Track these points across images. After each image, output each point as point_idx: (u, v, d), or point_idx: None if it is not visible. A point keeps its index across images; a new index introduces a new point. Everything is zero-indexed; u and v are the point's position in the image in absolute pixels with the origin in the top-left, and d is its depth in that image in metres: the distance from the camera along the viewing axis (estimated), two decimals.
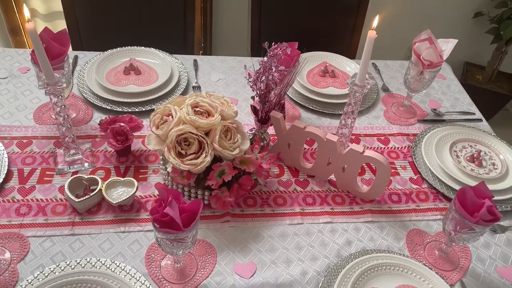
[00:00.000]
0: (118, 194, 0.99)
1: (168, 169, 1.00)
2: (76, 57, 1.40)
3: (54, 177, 1.03)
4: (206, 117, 0.95)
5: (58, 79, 0.92)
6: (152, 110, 1.22)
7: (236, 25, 2.43)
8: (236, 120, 1.00)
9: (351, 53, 1.81)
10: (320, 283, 0.89)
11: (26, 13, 0.85)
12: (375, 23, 0.96)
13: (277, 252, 0.95)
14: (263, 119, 1.13)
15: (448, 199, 1.11)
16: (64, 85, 0.93)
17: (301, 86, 1.36)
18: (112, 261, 0.87)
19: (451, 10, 2.56)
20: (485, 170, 1.16)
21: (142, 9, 1.64)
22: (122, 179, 1.01)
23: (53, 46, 1.03)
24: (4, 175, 1.00)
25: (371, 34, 0.95)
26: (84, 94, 1.25)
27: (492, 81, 2.66)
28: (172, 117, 0.95)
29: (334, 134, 1.08)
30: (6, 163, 1.03)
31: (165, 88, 1.28)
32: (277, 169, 1.14)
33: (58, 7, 2.22)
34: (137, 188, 0.98)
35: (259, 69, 1.03)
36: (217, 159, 0.97)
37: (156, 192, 1.03)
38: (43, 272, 0.83)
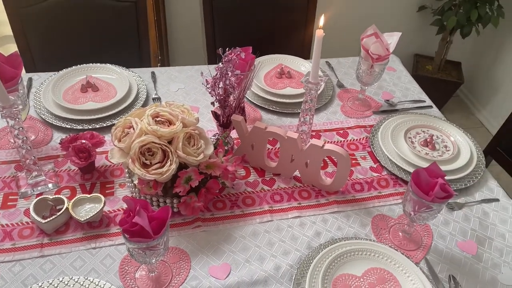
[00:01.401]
0: (86, 211, 0.98)
1: (134, 181, 1.01)
2: (30, 79, 1.38)
3: (18, 201, 1.02)
4: (168, 126, 0.97)
5: (14, 102, 0.91)
6: (113, 125, 1.22)
7: (192, 35, 2.45)
8: (198, 127, 1.02)
9: (305, 51, 1.86)
10: (294, 276, 0.92)
11: None
12: (321, 22, 1.00)
13: (250, 250, 0.98)
14: (224, 124, 1.16)
15: (407, 183, 1.16)
16: (20, 107, 0.92)
17: (260, 88, 1.40)
18: (86, 277, 0.87)
19: (397, 6, 2.68)
20: (438, 153, 1.23)
21: (94, 27, 1.64)
22: (89, 195, 1.01)
23: (6, 69, 1.02)
24: None
25: (319, 33, 0.99)
26: (41, 115, 1.23)
27: (442, 70, 2.80)
28: (134, 129, 0.96)
29: (294, 132, 1.11)
30: None
31: (125, 102, 1.29)
32: (243, 171, 1.17)
33: (8, 31, 2.17)
34: (104, 203, 0.98)
35: (216, 74, 1.06)
36: (182, 166, 0.98)
37: (125, 206, 1.04)
38: None
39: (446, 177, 0.92)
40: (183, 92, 1.42)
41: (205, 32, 1.72)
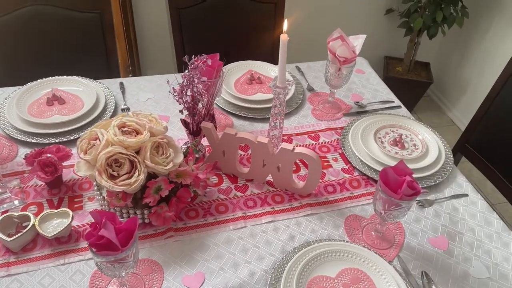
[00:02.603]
0: (53, 227, 0.96)
1: (103, 194, 0.99)
2: None
3: None
4: (135, 136, 0.95)
5: None
6: None
7: (162, 45, 2.44)
8: (167, 135, 1.01)
9: (275, 55, 1.87)
10: (268, 281, 0.92)
11: None
12: (285, 26, 1.01)
13: (224, 258, 0.97)
14: (194, 131, 1.15)
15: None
16: None
17: (230, 95, 1.40)
18: None
19: (364, 9, 2.73)
20: (408, 151, 1.25)
21: (59, 39, 1.61)
22: (56, 210, 0.98)
23: None
24: None
25: (283, 37, 1.00)
26: (6, 131, 1.20)
27: (411, 71, 2.86)
28: (100, 140, 0.94)
29: (265, 137, 1.11)
30: None
31: (92, 114, 1.27)
32: (215, 178, 1.16)
33: None
34: (72, 218, 0.96)
35: (182, 82, 1.05)
36: (151, 176, 0.97)
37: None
38: None
39: (415, 175, 0.93)
40: (153, 102, 1.41)
41: (173, 40, 1.72)
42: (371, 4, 2.72)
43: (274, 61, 1.62)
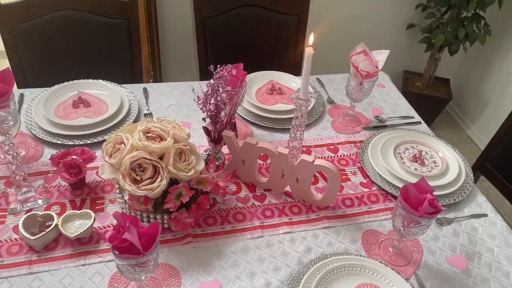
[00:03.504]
0: (75, 228, 0.98)
1: (125, 197, 1.01)
2: (22, 95, 1.38)
3: (7, 217, 1.01)
4: (159, 142, 0.97)
5: (4, 118, 0.91)
6: (104, 141, 1.23)
7: (184, 52, 2.47)
8: (189, 142, 1.03)
9: (296, 69, 1.89)
10: None
11: None
12: (311, 40, 1.02)
13: (241, 266, 0.98)
14: (216, 139, 1.16)
15: (397, 199, 1.17)
16: (11, 123, 0.92)
17: (251, 104, 1.41)
18: None
19: (386, 24, 2.73)
20: (427, 168, 1.25)
21: (86, 43, 1.65)
22: (78, 211, 1.00)
23: None
24: None
25: (309, 51, 1.01)
26: (32, 131, 1.23)
27: (430, 87, 2.85)
28: (125, 144, 0.96)
29: (285, 147, 1.12)
30: None
31: (116, 118, 1.29)
32: (234, 186, 1.17)
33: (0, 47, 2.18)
34: (94, 219, 0.98)
35: (207, 91, 1.07)
36: (173, 181, 0.99)
37: (115, 222, 1.03)
38: None
39: (435, 193, 0.93)
40: (175, 108, 1.43)
41: (197, 48, 1.74)
42: (392, 19, 2.72)
43: (295, 73, 1.64)
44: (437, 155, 1.30)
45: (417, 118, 1.49)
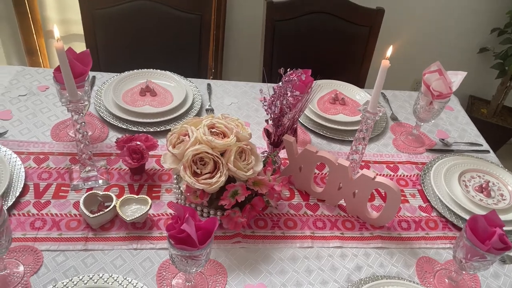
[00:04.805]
0: (132, 211, 1.00)
1: (181, 188, 1.02)
2: (94, 78, 1.43)
3: (69, 193, 1.05)
4: (222, 138, 0.98)
5: (81, 97, 0.95)
6: (166, 131, 1.25)
7: (247, 52, 2.49)
8: (251, 142, 1.03)
9: (360, 82, 1.85)
10: None
11: (56, 33, 0.88)
12: (389, 52, 0.99)
13: (287, 274, 0.96)
14: (275, 142, 1.15)
15: (458, 228, 1.11)
16: (86, 103, 0.96)
17: (312, 112, 1.39)
18: (124, 277, 0.88)
19: (457, 44, 2.62)
20: (493, 201, 1.17)
21: (158, 34, 1.70)
22: (136, 196, 1.02)
23: (76, 65, 1.06)
24: (20, 189, 1.02)
25: (385, 63, 0.98)
26: (100, 113, 1.28)
27: (497, 115, 2.70)
28: (189, 137, 0.97)
29: (346, 160, 1.09)
30: (23, 178, 1.05)
31: (180, 110, 1.31)
32: (288, 192, 1.16)
33: (75, 30, 2.30)
34: (150, 206, 1.00)
35: (274, 93, 1.06)
36: (230, 179, 0.99)
37: (169, 211, 1.05)
38: (56, 286, 0.84)
39: None
40: (236, 107, 1.44)
41: (263, 50, 1.74)
42: (465, 40, 2.60)
43: (359, 84, 1.61)
44: (505, 188, 1.22)
45: (486, 146, 1.41)
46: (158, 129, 1.26)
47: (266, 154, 1.20)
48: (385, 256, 1.03)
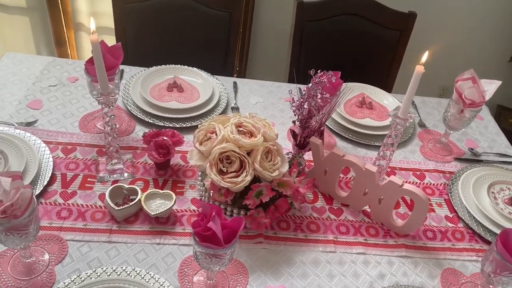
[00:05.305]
0: (156, 206, 1.00)
1: (206, 185, 1.02)
2: (122, 71, 1.45)
3: (95, 184, 1.06)
4: (249, 138, 0.97)
5: (112, 90, 0.96)
6: (192, 127, 1.26)
7: (272, 52, 2.48)
8: (277, 143, 1.02)
9: (387, 86, 1.82)
10: None
11: (93, 26, 0.89)
12: (424, 58, 0.97)
13: (309, 278, 0.95)
14: (301, 144, 1.14)
15: (485, 241, 1.08)
16: (117, 96, 0.96)
17: (338, 115, 1.38)
18: (147, 271, 0.88)
19: (488, 52, 2.56)
20: None
21: (187, 30, 1.70)
22: (161, 191, 1.03)
23: (107, 58, 1.07)
24: (48, 178, 1.04)
25: (419, 69, 0.96)
26: (128, 107, 1.29)
27: None
28: (216, 134, 0.97)
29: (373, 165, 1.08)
30: (51, 167, 1.06)
31: (206, 107, 1.31)
32: (311, 195, 1.14)
33: (104, 23, 2.32)
34: (175, 202, 1.00)
35: (304, 95, 1.05)
36: (255, 179, 0.98)
37: (192, 207, 1.05)
38: (80, 276, 0.85)
39: None
40: (261, 106, 1.43)
41: (291, 50, 1.73)
42: (496, 47, 2.54)
43: (387, 89, 1.58)
44: None
45: None
46: (184, 125, 1.26)
47: (290, 155, 1.19)
48: (409, 265, 1.01)
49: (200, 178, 1.07)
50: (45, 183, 1.02)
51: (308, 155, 1.20)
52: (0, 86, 1.30)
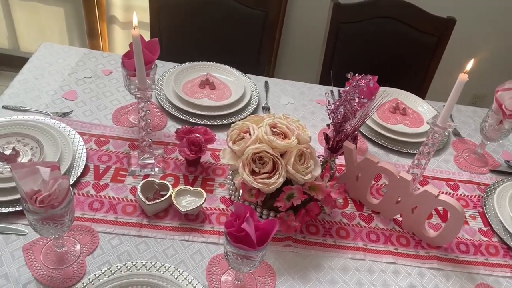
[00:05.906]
0: (186, 203, 1.00)
1: (236, 185, 1.01)
2: (155, 66, 1.45)
3: (127, 178, 1.06)
4: (283, 139, 0.96)
5: (149, 85, 0.96)
6: (223, 125, 1.25)
7: (303, 53, 2.45)
8: (310, 145, 1.00)
9: (421, 92, 1.78)
10: None
11: (135, 20, 0.90)
12: (469, 66, 0.94)
13: (337, 285, 0.93)
14: (333, 148, 1.13)
15: None
16: (153, 91, 0.96)
17: (371, 120, 1.35)
18: (176, 268, 0.88)
19: None
20: None
21: (222, 27, 1.70)
22: (191, 188, 1.03)
23: (144, 53, 1.07)
24: (81, 169, 1.05)
25: (463, 77, 0.93)
26: (160, 102, 1.29)
27: None
28: (250, 134, 0.96)
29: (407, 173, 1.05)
30: (85, 158, 1.07)
31: (237, 106, 1.31)
32: (342, 200, 1.13)
33: (141, 18, 2.34)
34: (205, 199, 0.99)
35: (340, 98, 1.04)
36: (287, 181, 0.97)
37: (222, 206, 1.04)
38: (110, 269, 0.85)
39: None
40: (292, 107, 1.41)
41: (324, 52, 1.71)
42: None
43: (421, 95, 1.54)
44: None
45: None
46: (215, 123, 1.26)
47: (322, 159, 1.17)
48: (441, 278, 0.98)
49: (230, 177, 1.06)
50: (79, 174, 1.04)
51: (339, 160, 1.18)
52: (37, 75, 1.32)
